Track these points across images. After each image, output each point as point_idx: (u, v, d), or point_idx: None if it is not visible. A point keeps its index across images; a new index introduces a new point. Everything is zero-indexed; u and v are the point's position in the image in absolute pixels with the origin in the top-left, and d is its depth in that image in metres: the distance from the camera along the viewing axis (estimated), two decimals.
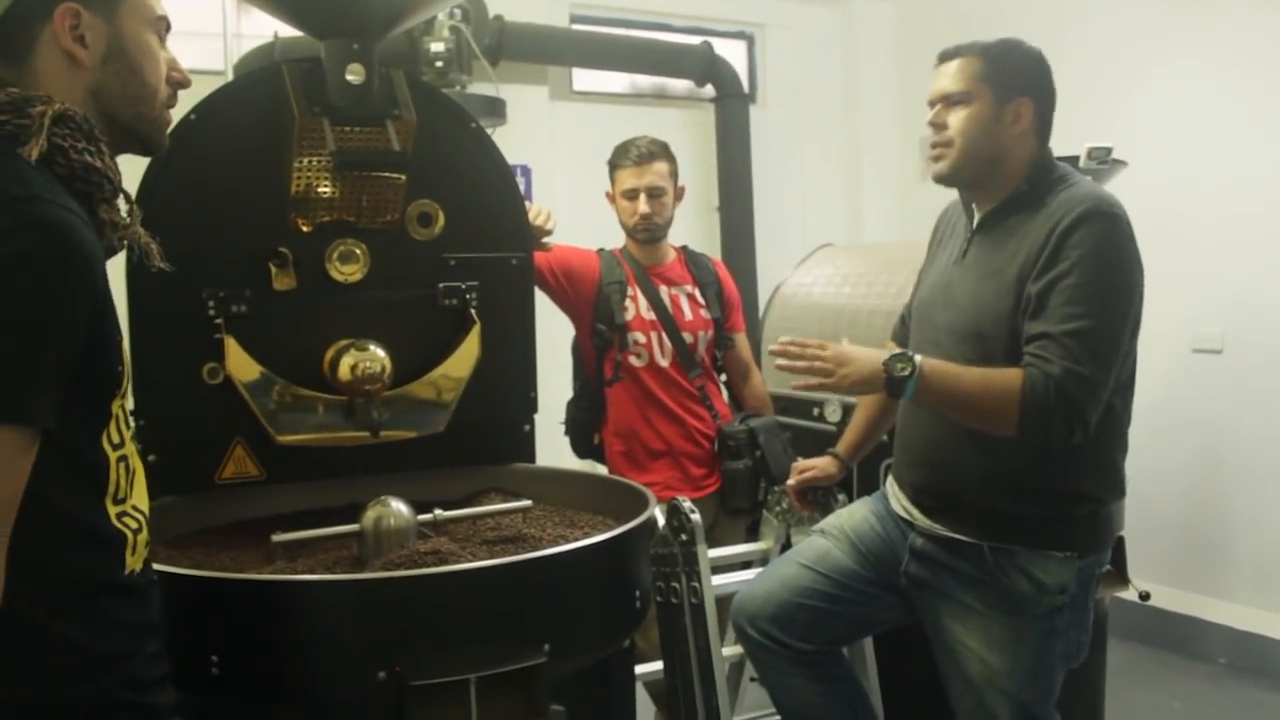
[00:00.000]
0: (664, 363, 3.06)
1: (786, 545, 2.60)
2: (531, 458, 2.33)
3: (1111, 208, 1.99)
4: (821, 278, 3.94)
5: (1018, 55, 2.13)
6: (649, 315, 3.05)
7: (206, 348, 1.95)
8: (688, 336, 3.09)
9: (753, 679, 2.49)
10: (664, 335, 3.05)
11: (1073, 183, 2.08)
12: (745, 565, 2.67)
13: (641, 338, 3.03)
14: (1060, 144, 3.19)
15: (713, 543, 2.95)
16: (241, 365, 1.96)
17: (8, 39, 1.20)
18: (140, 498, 1.28)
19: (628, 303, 3.03)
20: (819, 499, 2.55)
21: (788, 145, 5.42)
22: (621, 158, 3.08)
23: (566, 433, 3.19)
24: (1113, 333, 1.94)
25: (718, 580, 2.27)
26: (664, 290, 3.10)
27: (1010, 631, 2.06)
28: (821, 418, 3.65)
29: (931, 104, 2.15)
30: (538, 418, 2.35)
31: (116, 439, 1.22)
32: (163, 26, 1.32)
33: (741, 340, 3.30)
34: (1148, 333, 2.10)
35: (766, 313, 4.12)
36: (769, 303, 4.13)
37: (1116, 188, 3.02)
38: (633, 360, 3.03)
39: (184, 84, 1.36)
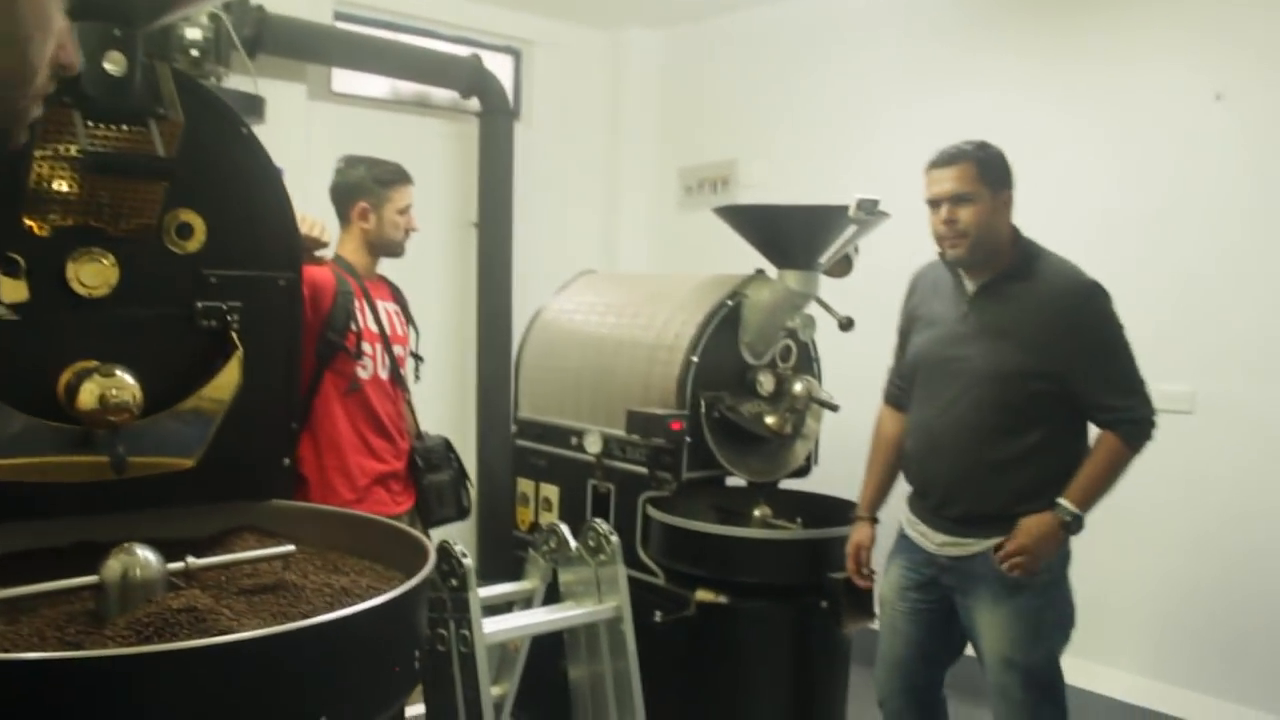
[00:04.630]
0: (384, 375, 3.08)
1: (554, 584, 2.52)
2: (289, 494, 2.15)
3: (1095, 281, 2.64)
4: (584, 305, 3.91)
5: (995, 155, 2.68)
6: (373, 327, 3.06)
7: None
8: (398, 350, 3.14)
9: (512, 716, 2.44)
10: (382, 348, 3.06)
11: (1046, 255, 2.70)
12: (508, 606, 2.57)
13: (369, 349, 3.03)
14: (826, 193, 3.32)
15: None
16: None
17: None
18: None
19: (357, 313, 3.00)
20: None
21: (549, 166, 5.38)
22: (401, 177, 3.15)
23: None
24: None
25: (487, 626, 2.16)
26: (380, 305, 3.12)
27: (1013, 611, 2.63)
28: (580, 447, 3.61)
29: (935, 202, 2.69)
30: None
31: None
32: None
33: None
34: None
35: (527, 336, 4.04)
36: (529, 326, 4.06)
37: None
38: (360, 372, 3.00)
39: (69, 69, 1.03)
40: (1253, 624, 3.51)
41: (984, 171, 2.65)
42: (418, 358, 3.32)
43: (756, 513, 3.41)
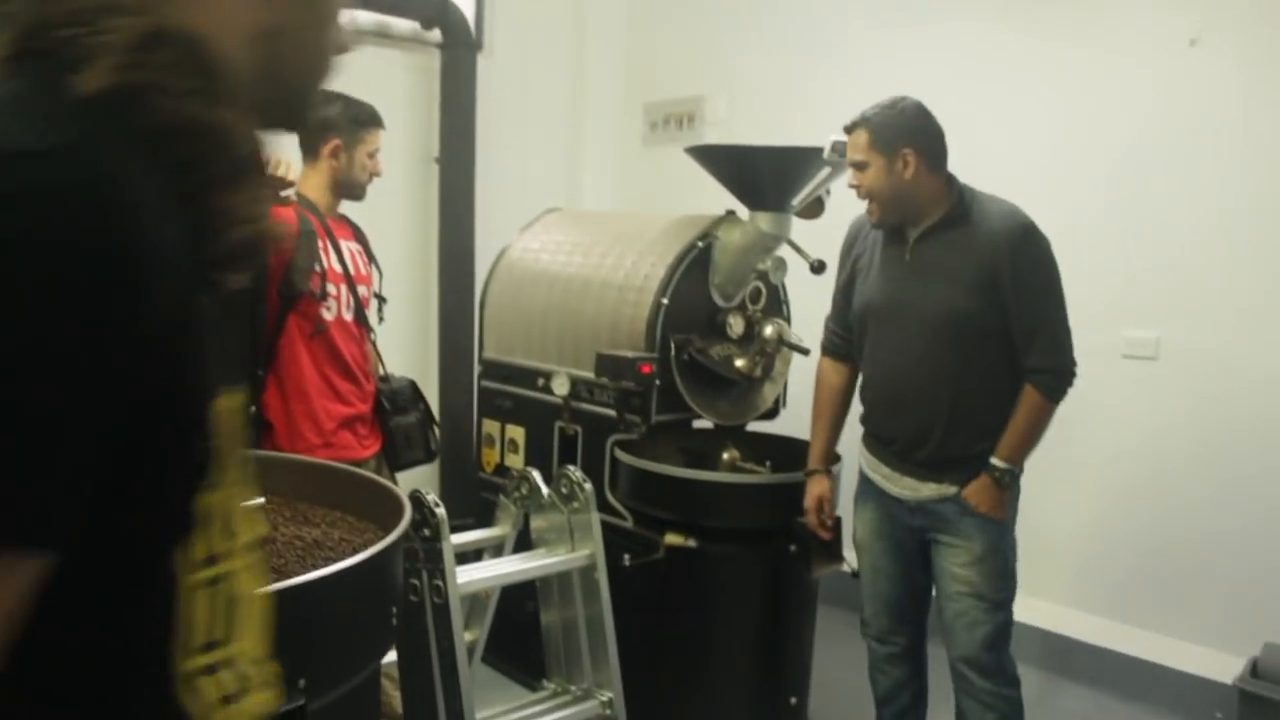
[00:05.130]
0: (348, 317, 3.01)
1: (525, 530, 2.50)
2: (256, 443, 2.10)
3: (1031, 222, 2.63)
4: (550, 244, 3.84)
5: (895, 114, 2.68)
6: (337, 268, 2.99)
7: None
8: (362, 290, 3.07)
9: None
10: (347, 289, 3.00)
11: (981, 198, 2.70)
12: (478, 553, 2.55)
13: (333, 290, 2.96)
14: (793, 132, 3.29)
15: None
16: None
17: None
18: (252, 637, 0.81)
19: (320, 255, 2.92)
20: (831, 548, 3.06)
21: (512, 100, 5.25)
22: (376, 119, 3.09)
23: None
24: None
25: (460, 576, 2.13)
26: (343, 244, 3.05)
27: (982, 551, 2.68)
28: (547, 389, 3.57)
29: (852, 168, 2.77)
30: None
31: (204, 553, 0.75)
32: None
33: None
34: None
35: (491, 276, 3.97)
36: (494, 265, 3.99)
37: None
38: (324, 314, 2.93)
39: (347, 49, 0.93)
40: (1216, 568, 3.57)
41: (875, 137, 2.67)
42: (381, 298, 3.25)
43: (725, 456, 3.40)
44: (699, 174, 3.42)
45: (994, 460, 2.64)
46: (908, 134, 2.66)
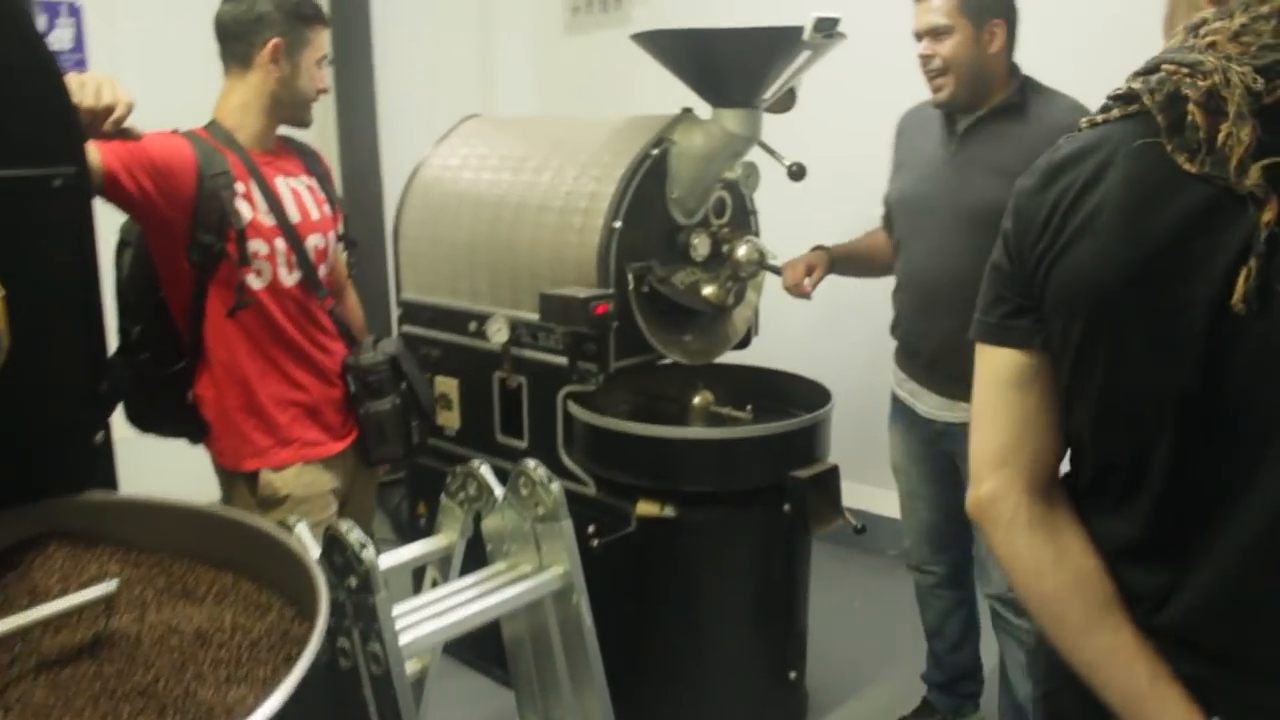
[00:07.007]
0: (289, 281, 2.32)
1: (476, 536, 1.99)
2: (110, 481, 1.55)
3: None
4: (472, 159, 3.25)
5: None
6: (268, 219, 2.27)
7: None
8: (315, 241, 2.36)
9: None
10: (286, 243, 2.29)
11: (1048, 93, 2.45)
12: (421, 569, 2.04)
13: (263, 248, 2.25)
14: (744, 11, 2.77)
15: (349, 508, 2.46)
16: None
17: None
18: None
19: (240, 201, 2.22)
20: None
21: None
22: (322, 16, 2.35)
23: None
24: None
25: (403, 636, 1.62)
26: (282, 183, 2.33)
27: None
28: (481, 334, 3.03)
29: (919, 37, 2.47)
30: None
31: None
32: None
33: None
34: None
35: (404, 201, 3.37)
36: (407, 187, 3.39)
37: None
38: (251, 281, 2.25)
39: None
40: None
41: (965, 1, 2.41)
42: (349, 242, 2.55)
43: (697, 400, 2.92)
44: (635, 66, 2.87)
45: None
46: (998, 3, 2.43)
